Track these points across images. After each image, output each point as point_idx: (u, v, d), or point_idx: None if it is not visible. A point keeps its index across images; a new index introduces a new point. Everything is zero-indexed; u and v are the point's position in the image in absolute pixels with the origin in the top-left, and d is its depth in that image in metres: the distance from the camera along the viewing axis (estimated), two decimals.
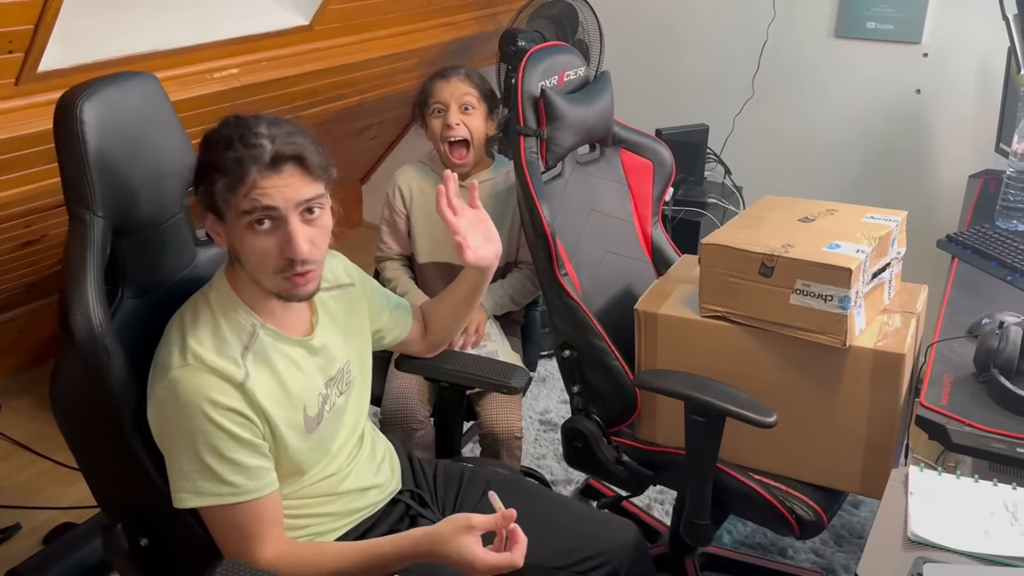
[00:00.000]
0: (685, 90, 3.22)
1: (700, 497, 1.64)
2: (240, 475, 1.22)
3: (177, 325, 1.26)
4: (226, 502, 1.22)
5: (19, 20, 1.67)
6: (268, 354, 1.28)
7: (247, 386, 1.22)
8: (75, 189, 1.22)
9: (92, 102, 1.23)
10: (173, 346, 1.23)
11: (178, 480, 1.22)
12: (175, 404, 1.20)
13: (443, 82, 2.07)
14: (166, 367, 1.22)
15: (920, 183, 2.92)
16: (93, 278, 1.21)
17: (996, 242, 2.08)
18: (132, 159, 1.28)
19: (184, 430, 1.20)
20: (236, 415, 1.21)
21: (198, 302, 1.28)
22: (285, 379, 1.29)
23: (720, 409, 1.53)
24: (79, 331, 1.19)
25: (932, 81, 2.84)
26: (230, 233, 1.24)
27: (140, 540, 1.32)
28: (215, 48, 2.23)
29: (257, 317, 1.28)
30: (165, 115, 1.37)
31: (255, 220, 1.21)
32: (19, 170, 1.99)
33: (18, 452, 2.64)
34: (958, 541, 1.18)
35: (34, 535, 2.30)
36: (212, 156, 1.21)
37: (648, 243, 2.11)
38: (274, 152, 1.19)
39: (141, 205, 1.30)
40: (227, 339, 1.24)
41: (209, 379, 1.20)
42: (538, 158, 1.81)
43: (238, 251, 1.25)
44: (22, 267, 2.59)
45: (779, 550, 2.25)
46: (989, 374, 1.50)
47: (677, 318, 1.70)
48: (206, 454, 1.20)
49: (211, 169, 1.21)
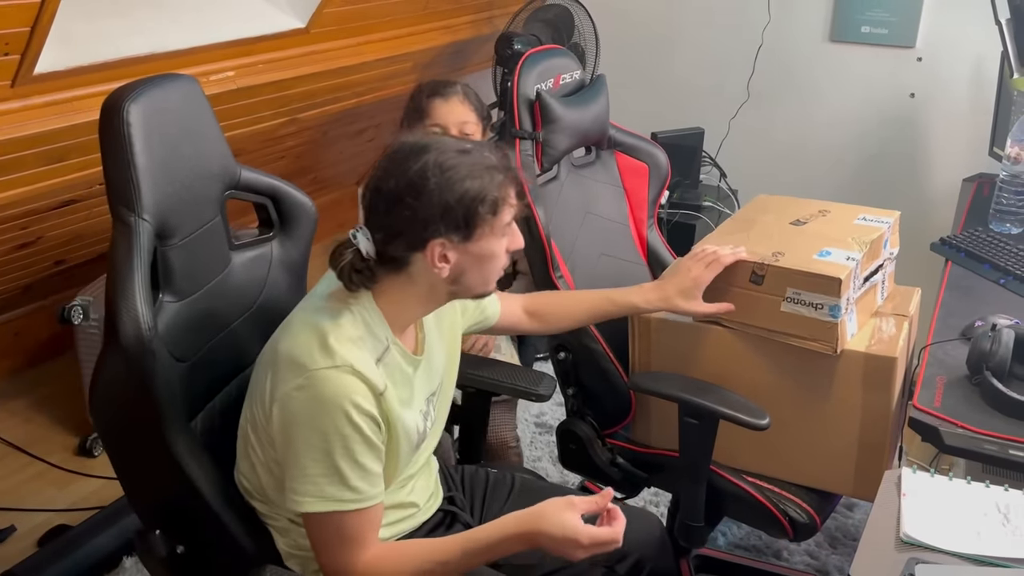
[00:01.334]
0: (680, 93, 3.23)
1: (694, 499, 1.65)
2: (364, 481, 1.21)
3: (312, 324, 1.23)
4: (348, 508, 1.20)
5: (15, 22, 1.67)
6: (392, 369, 1.27)
7: (385, 396, 1.22)
8: (120, 191, 1.21)
9: (138, 104, 1.21)
10: (310, 345, 1.20)
11: (301, 483, 1.20)
12: (314, 402, 1.18)
13: (442, 102, 2.03)
14: (303, 366, 1.19)
15: (914, 186, 2.94)
16: (140, 281, 1.19)
17: (989, 245, 2.09)
18: (175, 162, 1.27)
19: (318, 430, 1.18)
20: (373, 422, 1.20)
21: (337, 307, 1.25)
22: (403, 395, 1.29)
23: (713, 412, 1.54)
24: (127, 334, 1.17)
25: (926, 85, 2.86)
26: (473, 250, 1.25)
27: (177, 547, 1.30)
28: (211, 51, 2.23)
29: (391, 332, 1.28)
30: (205, 118, 1.36)
31: (508, 227, 1.27)
32: (15, 172, 1.99)
33: (13, 454, 2.63)
34: (950, 542, 1.19)
35: (29, 537, 2.29)
36: (474, 183, 1.21)
37: (643, 246, 2.12)
38: (501, 160, 1.26)
39: (182, 208, 1.29)
40: (365, 349, 1.23)
41: (355, 383, 1.18)
42: (534, 161, 1.82)
43: (475, 265, 1.26)
44: (18, 269, 2.58)
45: (774, 552, 2.25)
46: (982, 376, 1.51)
47: (671, 322, 1.71)
48: (339, 456, 1.18)
49: (476, 195, 1.21)
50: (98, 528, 2.20)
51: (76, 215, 2.41)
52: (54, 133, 1.94)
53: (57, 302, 2.72)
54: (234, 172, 1.40)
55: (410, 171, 1.21)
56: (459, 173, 1.21)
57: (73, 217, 2.41)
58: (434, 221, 1.21)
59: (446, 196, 1.20)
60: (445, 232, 1.22)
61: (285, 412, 1.20)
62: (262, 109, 2.49)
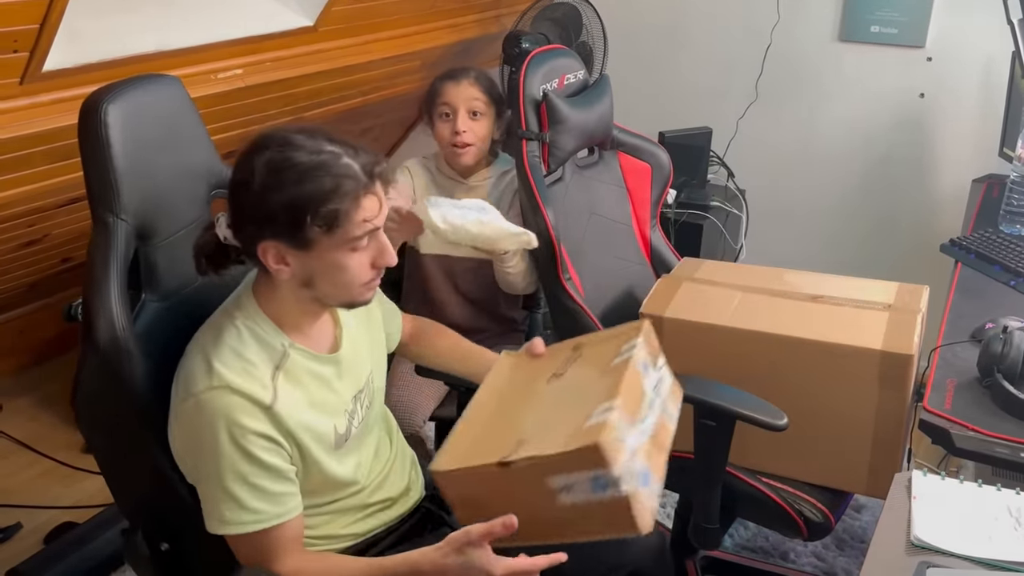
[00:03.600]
0: (688, 93, 3.21)
1: (709, 501, 1.63)
2: (263, 501, 1.19)
3: (200, 345, 1.21)
4: (248, 530, 1.20)
5: (24, 19, 1.67)
6: (299, 374, 1.24)
7: (275, 409, 1.19)
8: (99, 192, 1.21)
9: (116, 104, 1.22)
10: (197, 368, 1.19)
11: (204, 503, 1.21)
12: (200, 427, 1.17)
13: (452, 84, 2.04)
14: (190, 389, 1.18)
15: (923, 187, 2.92)
16: (116, 282, 1.20)
17: (1000, 247, 2.08)
18: (156, 162, 1.27)
19: (209, 453, 1.17)
20: (262, 439, 1.18)
21: (223, 323, 1.22)
22: (315, 399, 1.26)
23: (731, 413, 1.53)
24: (102, 335, 1.18)
25: (936, 85, 2.84)
26: (315, 260, 1.17)
27: (161, 545, 1.31)
28: (219, 48, 2.23)
29: (286, 337, 1.24)
30: (190, 118, 1.36)
31: (358, 241, 1.17)
32: (22, 170, 1.99)
33: (19, 451, 2.64)
34: (961, 546, 1.18)
35: (35, 534, 2.29)
36: (305, 189, 1.11)
37: (647, 246, 2.11)
38: (366, 171, 1.15)
39: (165, 208, 1.29)
40: (254, 361, 1.20)
41: (236, 401, 1.16)
42: (540, 162, 1.81)
43: (322, 274, 1.18)
44: (24, 267, 2.59)
45: (781, 554, 2.24)
46: (993, 379, 1.50)
47: (683, 321, 1.70)
48: (229, 480, 1.17)
49: (306, 203, 1.11)
50: (104, 525, 2.20)
51: (82, 213, 2.40)
52: (62, 131, 1.94)
53: (63, 300, 2.72)
54: (220, 171, 1.40)
55: (245, 165, 1.15)
56: (289, 176, 1.12)
57: (79, 215, 2.41)
58: (259, 220, 1.14)
59: (273, 198, 1.12)
60: (272, 236, 1.14)
61: (179, 435, 1.21)
62: (269, 107, 2.49)
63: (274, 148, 1.14)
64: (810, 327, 1.64)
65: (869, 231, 3.04)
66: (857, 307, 1.71)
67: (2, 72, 1.75)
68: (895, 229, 2.99)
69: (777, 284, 1.82)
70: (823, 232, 3.13)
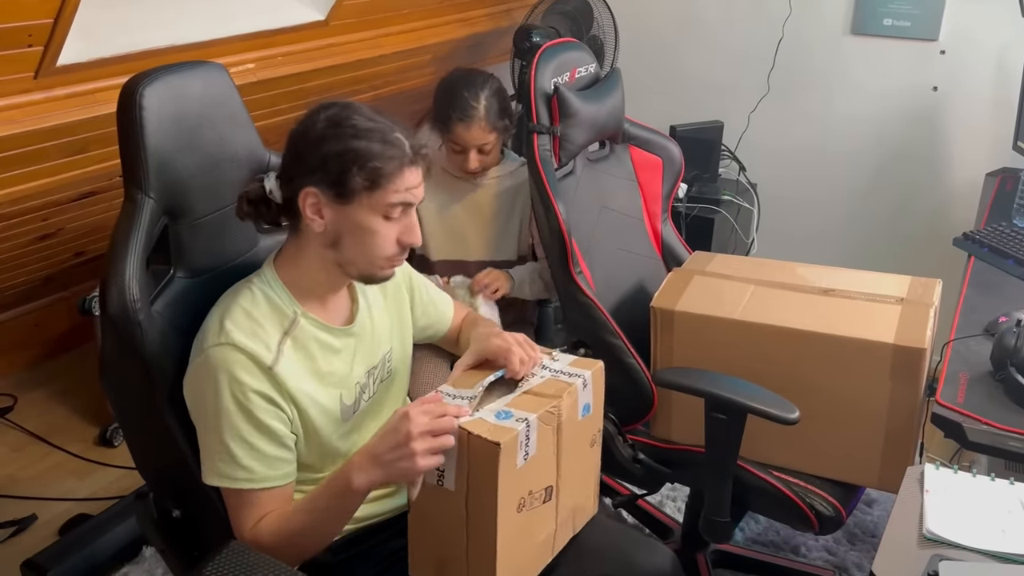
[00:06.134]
0: (700, 87, 3.21)
1: (720, 495, 1.63)
2: (258, 461, 1.23)
3: (219, 308, 1.27)
4: (241, 487, 1.23)
5: (39, 14, 1.68)
6: (306, 342, 1.29)
7: (275, 370, 1.23)
8: (130, 170, 1.27)
9: (153, 88, 1.26)
10: (212, 326, 1.25)
11: (202, 455, 1.25)
12: (205, 380, 1.22)
13: (463, 126, 2.05)
14: (202, 345, 1.24)
15: (936, 181, 2.91)
16: (135, 255, 1.24)
17: (1013, 240, 2.07)
18: (191, 145, 1.31)
19: (212, 407, 1.22)
20: (262, 399, 1.22)
21: (241, 287, 1.29)
22: (320, 366, 1.30)
23: (742, 406, 1.53)
24: (112, 304, 1.22)
25: (949, 78, 2.82)
26: (349, 216, 1.24)
27: (172, 511, 1.36)
28: (231, 43, 2.24)
29: (299, 305, 1.29)
30: (232, 104, 1.40)
31: (392, 209, 1.24)
32: (37, 163, 2.00)
33: (34, 444, 2.66)
34: (974, 539, 1.18)
35: (50, 526, 2.32)
36: (359, 144, 1.21)
37: (658, 240, 2.11)
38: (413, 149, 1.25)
39: (200, 189, 1.33)
40: (264, 324, 1.25)
41: (238, 357, 1.21)
42: (551, 156, 1.81)
43: (351, 234, 1.25)
44: (38, 260, 2.61)
45: (792, 548, 2.24)
46: (1006, 372, 1.49)
47: (695, 315, 1.70)
48: (227, 434, 1.22)
49: (356, 156, 1.21)
50: (118, 517, 2.22)
51: (96, 207, 2.42)
52: (76, 125, 1.95)
53: (77, 293, 2.74)
54: (262, 157, 1.44)
55: (309, 118, 1.26)
56: (348, 131, 1.22)
57: (93, 209, 2.43)
58: (310, 167, 1.23)
59: (327, 146, 1.22)
60: (318, 183, 1.23)
61: (189, 388, 1.26)
62: (281, 102, 2.49)
63: (339, 107, 1.25)
64: (822, 321, 1.64)
65: (882, 224, 3.03)
66: (869, 301, 1.70)
67: (16, 66, 1.76)
68: (908, 222, 2.97)
69: (789, 278, 1.82)
70: (835, 226, 3.12)
